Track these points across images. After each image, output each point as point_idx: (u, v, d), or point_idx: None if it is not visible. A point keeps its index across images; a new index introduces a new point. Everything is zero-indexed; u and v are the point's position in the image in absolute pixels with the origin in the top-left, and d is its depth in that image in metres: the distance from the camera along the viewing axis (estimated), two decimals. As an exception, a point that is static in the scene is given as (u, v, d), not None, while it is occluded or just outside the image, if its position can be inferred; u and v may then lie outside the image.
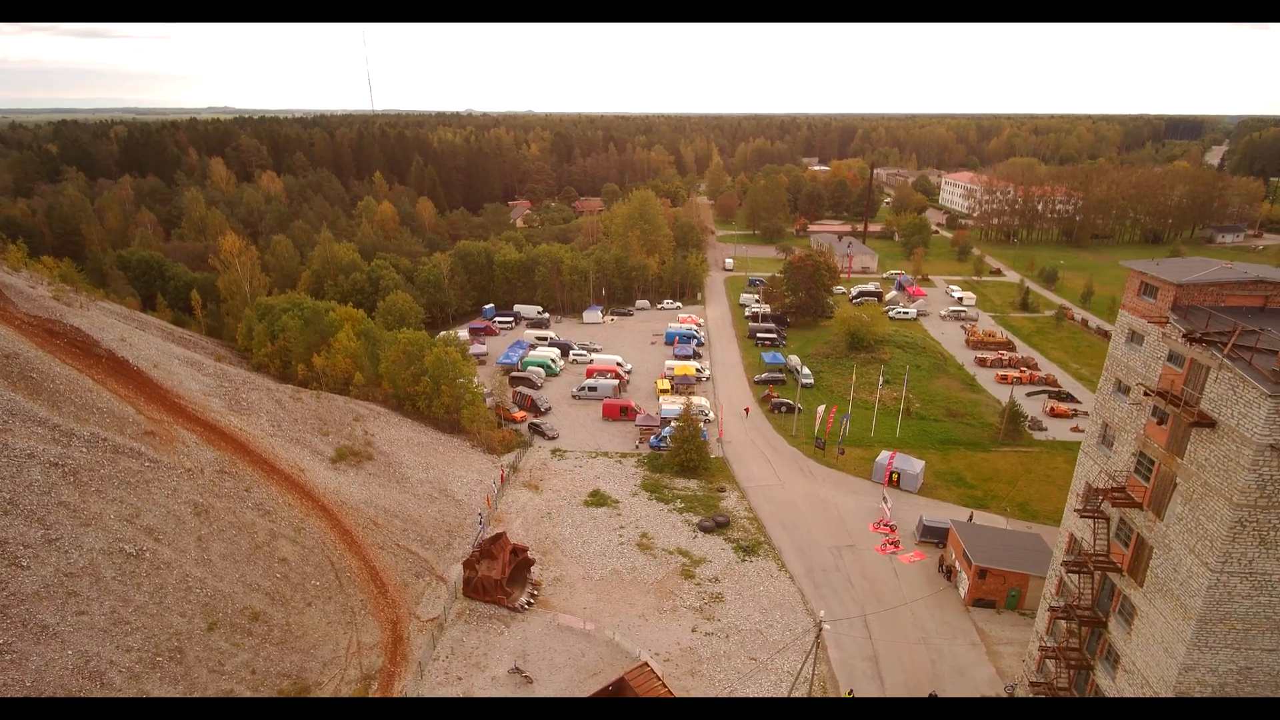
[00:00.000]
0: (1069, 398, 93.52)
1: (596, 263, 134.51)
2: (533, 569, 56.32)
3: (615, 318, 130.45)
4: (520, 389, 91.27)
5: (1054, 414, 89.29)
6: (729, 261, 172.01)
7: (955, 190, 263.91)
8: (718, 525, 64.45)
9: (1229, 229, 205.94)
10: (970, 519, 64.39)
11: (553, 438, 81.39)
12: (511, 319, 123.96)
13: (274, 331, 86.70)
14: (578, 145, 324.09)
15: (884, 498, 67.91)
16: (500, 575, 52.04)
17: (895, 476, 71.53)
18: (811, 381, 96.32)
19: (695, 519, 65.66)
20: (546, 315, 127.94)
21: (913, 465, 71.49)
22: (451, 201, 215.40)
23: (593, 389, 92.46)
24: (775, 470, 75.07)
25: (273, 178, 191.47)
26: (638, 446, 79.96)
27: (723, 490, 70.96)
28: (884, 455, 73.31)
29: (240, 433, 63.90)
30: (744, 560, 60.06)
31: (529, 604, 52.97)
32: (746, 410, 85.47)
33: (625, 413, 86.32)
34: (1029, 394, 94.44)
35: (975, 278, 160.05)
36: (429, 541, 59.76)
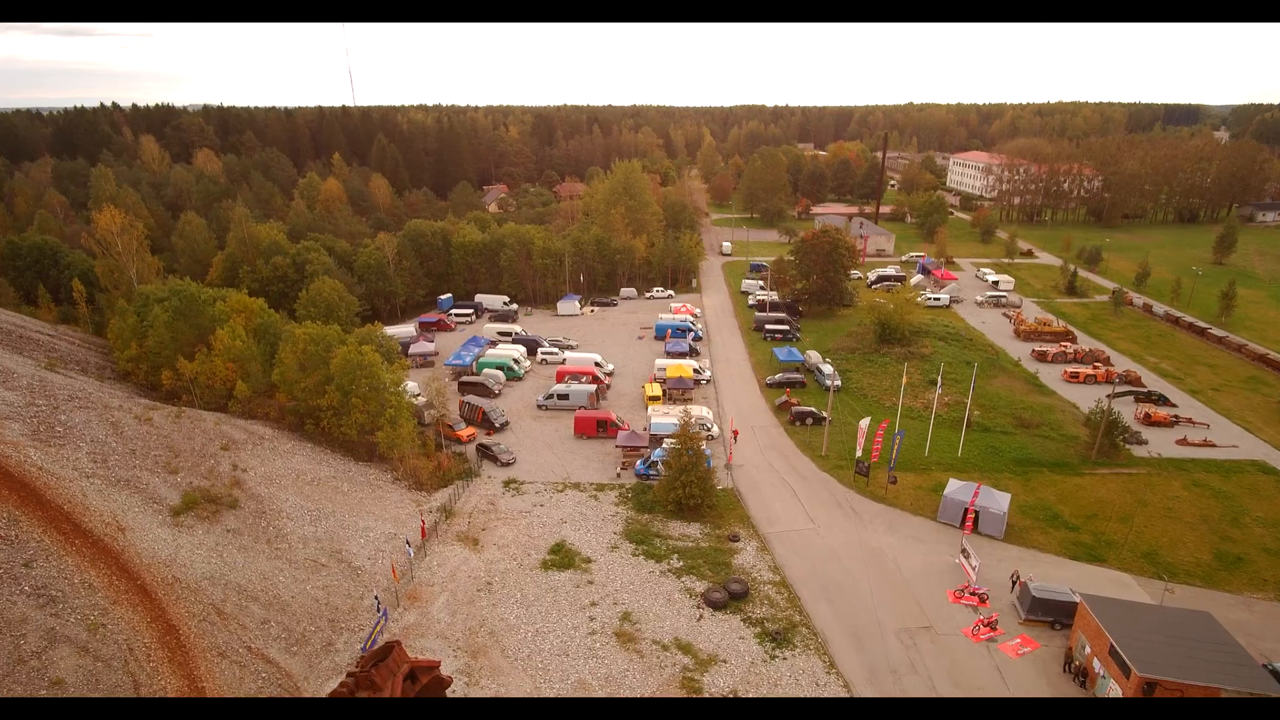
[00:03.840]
0: (1163, 400, 74.39)
1: (574, 244, 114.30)
2: (450, 689, 36.31)
3: (596, 308, 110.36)
4: (469, 398, 71.14)
5: (1150, 421, 70.15)
6: (727, 245, 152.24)
7: (966, 170, 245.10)
8: (732, 597, 44.80)
9: (1269, 206, 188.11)
10: (1165, 594, 44.99)
11: (507, 463, 61.41)
12: (471, 311, 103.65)
13: (142, 328, 66.16)
14: (560, 128, 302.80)
15: (964, 550, 48.39)
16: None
17: (971, 515, 52.01)
18: (839, 383, 76.76)
19: (699, 586, 45.99)
20: (514, 307, 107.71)
21: (996, 501, 51.95)
22: (418, 185, 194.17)
23: (563, 397, 72.52)
24: (805, 506, 55.42)
25: (210, 156, 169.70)
26: (619, 474, 60.18)
27: (735, 539, 51.24)
28: (956, 486, 53.73)
29: (35, 474, 43.66)
30: (774, 657, 40.37)
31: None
32: (736, 434, 65.18)
33: (604, 428, 66.49)
34: (1110, 396, 75.11)
35: (1006, 260, 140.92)
36: (300, 640, 39.62)
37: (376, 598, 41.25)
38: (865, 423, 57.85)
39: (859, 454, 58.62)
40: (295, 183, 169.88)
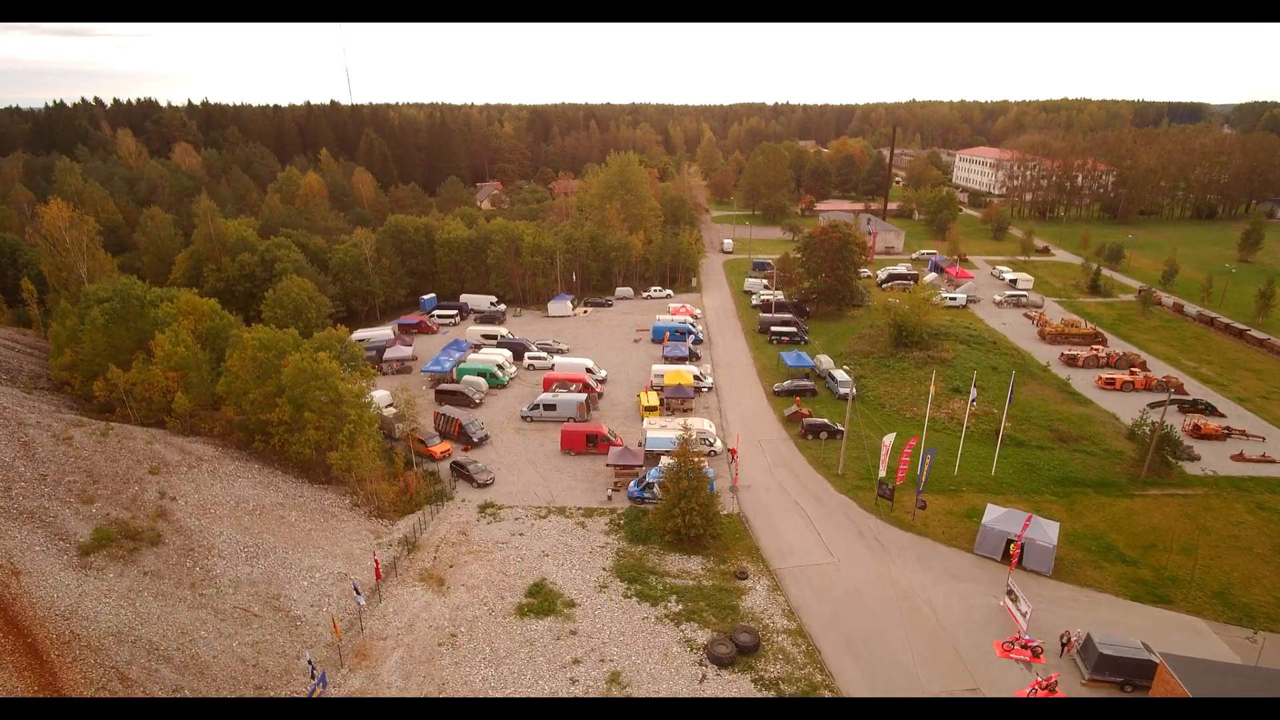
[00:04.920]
0: (1211, 409, 67.61)
1: (566, 241, 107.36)
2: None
3: (589, 309, 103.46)
4: (446, 409, 64.21)
5: (1200, 434, 63.30)
6: (728, 243, 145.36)
7: (972, 167, 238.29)
8: (740, 650, 37.85)
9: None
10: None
11: (484, 484, 54.45)
12: (455, 312, 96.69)
13: (79, 332, 59.21)
14: (556, 123, 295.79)
15: (1010, 591, 41.47)
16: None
17: (1014, 548, 45.12)
18: (853, 391, 69.78)
19: (702, 635, 39.09)
20: (502, 308, 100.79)
21: (1043, 531, 45.01)
22: (408, 182, 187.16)
23: (549, 407, 65.60)
24: (821, 535, 48.50)
25: (188, 150, 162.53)
26: (610, 496, 53.26)
27: (743, 576, 44.32)
28: (995, 514, 46.82)
29: (-86, 507, 36.68)
30: (792, 730, 33.32)
31: None
32: (734, 452, 57.93)
33: (594, 443, 59.58)
34: (1152, 405, 68.37)
35: (1022, 257, 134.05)
36: (217, 713, 32.58)
37: (310, 661, 34.18)
38: (890, 439, 50.91)
39: (881, 474, 51.71)
40: (275, 177, 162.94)
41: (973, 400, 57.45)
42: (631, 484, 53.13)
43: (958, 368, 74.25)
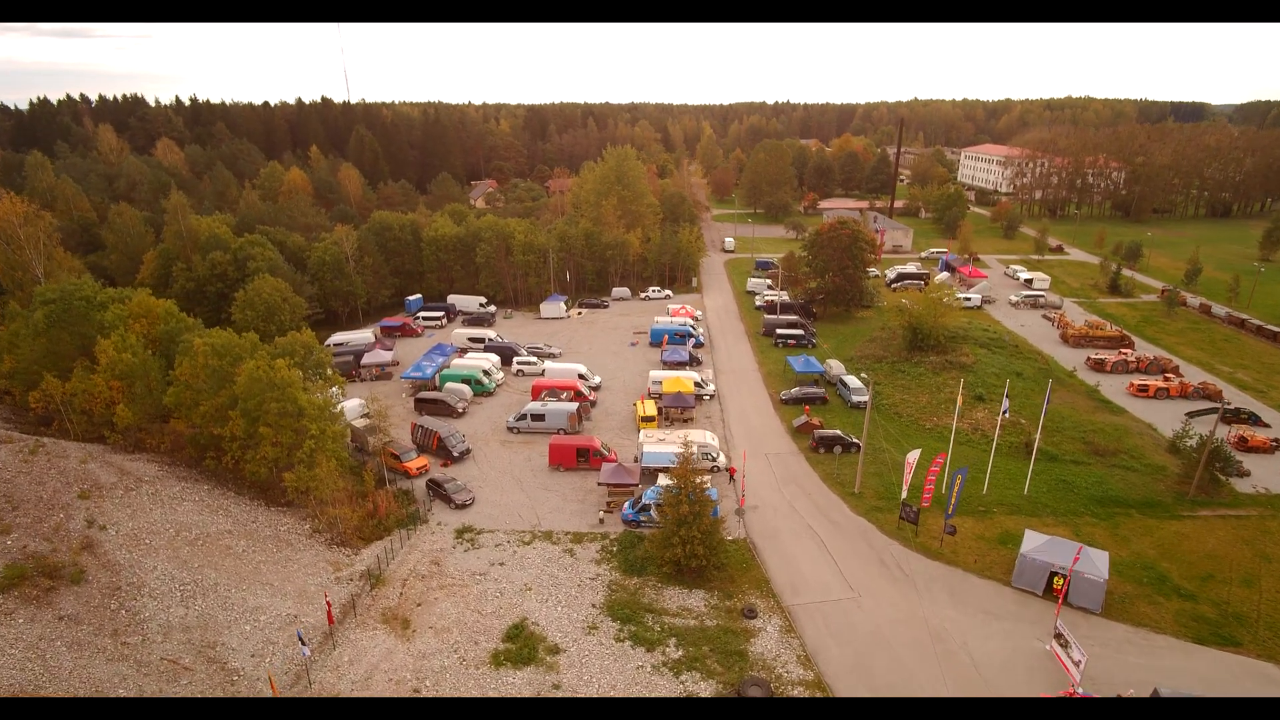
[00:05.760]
0: (1255, 419, 62.32)
1: (560, 239, 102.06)
2: None
3: (584, 310, 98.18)
4: (424, 420, 58.92)
5: (1246, 447, 58.02)
6: (729, 241, 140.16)
7: (978, 164, 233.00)
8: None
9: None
10: None
11: (463, 505, 49.16)
12: (442, 314, 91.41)
13: (17, 337, 53.91)
14: (553, 121, 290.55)
15: (1058, 634, 36.14)
16: None
17: (1058, 580, 39.90)
18: (866, 399, 64.54)
19: (705, 688, 33.80)
20: (492, 309, 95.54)
21: (1093, 563, 39.69)
22: (399, 179, 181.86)
23: (538, 417, 60.30)
24: (839, 565, 43.20)
25: (170, 146, 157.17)
26: (602, 519, 47.95)
27: (751, 614, 39.02)
28: (1036, 542, 41.52)
29: None
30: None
31: None
32: (732, 472, 52.97)
33: (585, 457, 54.29)
34: (1191, 414, 63.22)
35: (1036, 256, 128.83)
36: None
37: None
38: (914, 456, 45.65)
39: (904, 495, 46.43)
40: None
41: (1004, 412, 52.05)
42: (625, 505, 47.84)
43: (979, 374, 69.03)
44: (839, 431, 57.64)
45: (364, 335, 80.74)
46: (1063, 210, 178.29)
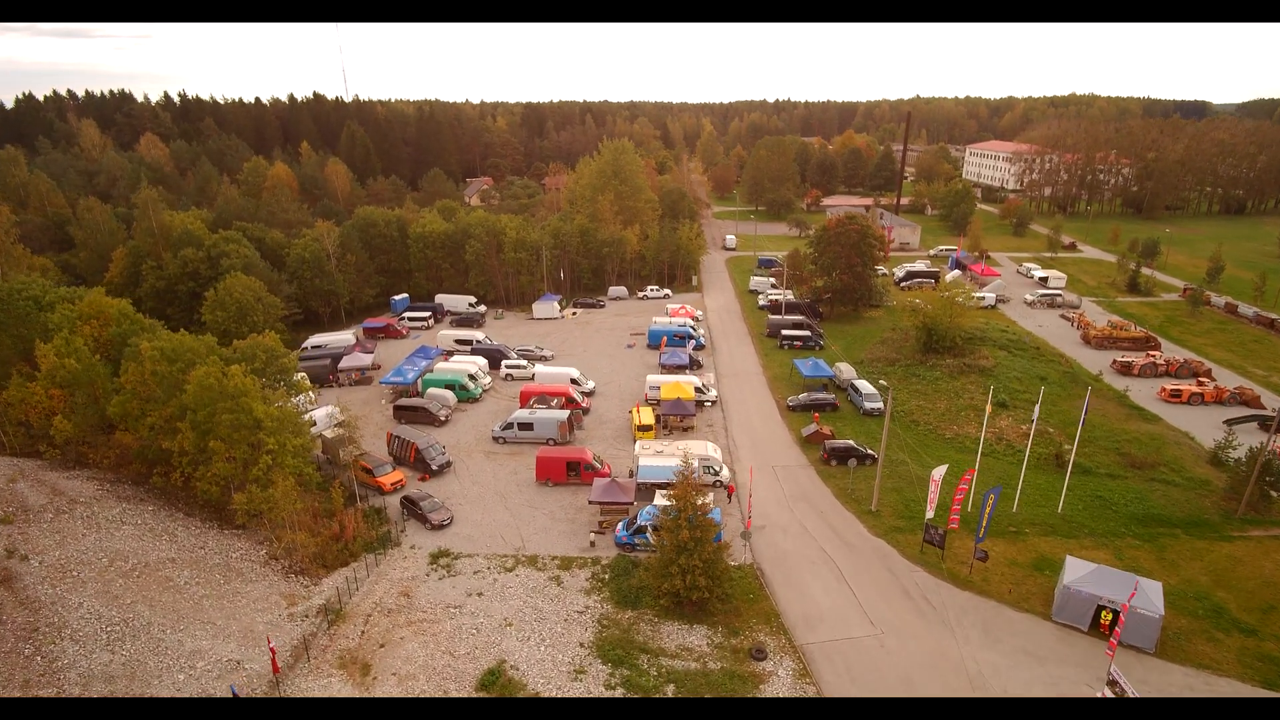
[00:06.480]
0: (1300, 427, 57.56)
1: (554, 236, 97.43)
2: None
3: (578, 310, 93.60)
4: (402, 429, 54.33)
5: (1293, 457, 53.29)
6: (730, 239, 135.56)
7: (984, 161, 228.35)
8: (761, 772, 27.83)
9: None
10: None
11: (440, 525, 44.57)
12: (428, 315, 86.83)
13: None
14: (551, 118, 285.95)
15: (1112, 681, 31.54)
16: None
17: (1108, 615, 35.35)
18: (879, 406, 60.10)
19: (708, 747, 29.06)
20: (481, 309, 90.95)
21: (1146, 595, 35.06)
22: (391, 176, 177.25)
23: (525, 426, 55.71)
24: (858, 596, 38.60)
25: (154, 142, 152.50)
26: (593, 542, 43.35)
27: (760, 655, 34.41)
28: (1080, 571, 36.88)
29: None
30: None
31: None
32: (730, 491, 47.99)
33: (576, 471, 49.70)
34: (1229, 422, 58.64)
35: (1049, 254, 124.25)
36: None
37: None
38: (940, 472, 41.07)
39: (929, 515, 41.85)
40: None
41: (1034, 421, 47.47)
42: (619, 526, 43.24)
43: (1000, 378, 64.45)
44: (852, 442, 53.03)
45: (344, 337, 76.17)
46: (1072, 207, 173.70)
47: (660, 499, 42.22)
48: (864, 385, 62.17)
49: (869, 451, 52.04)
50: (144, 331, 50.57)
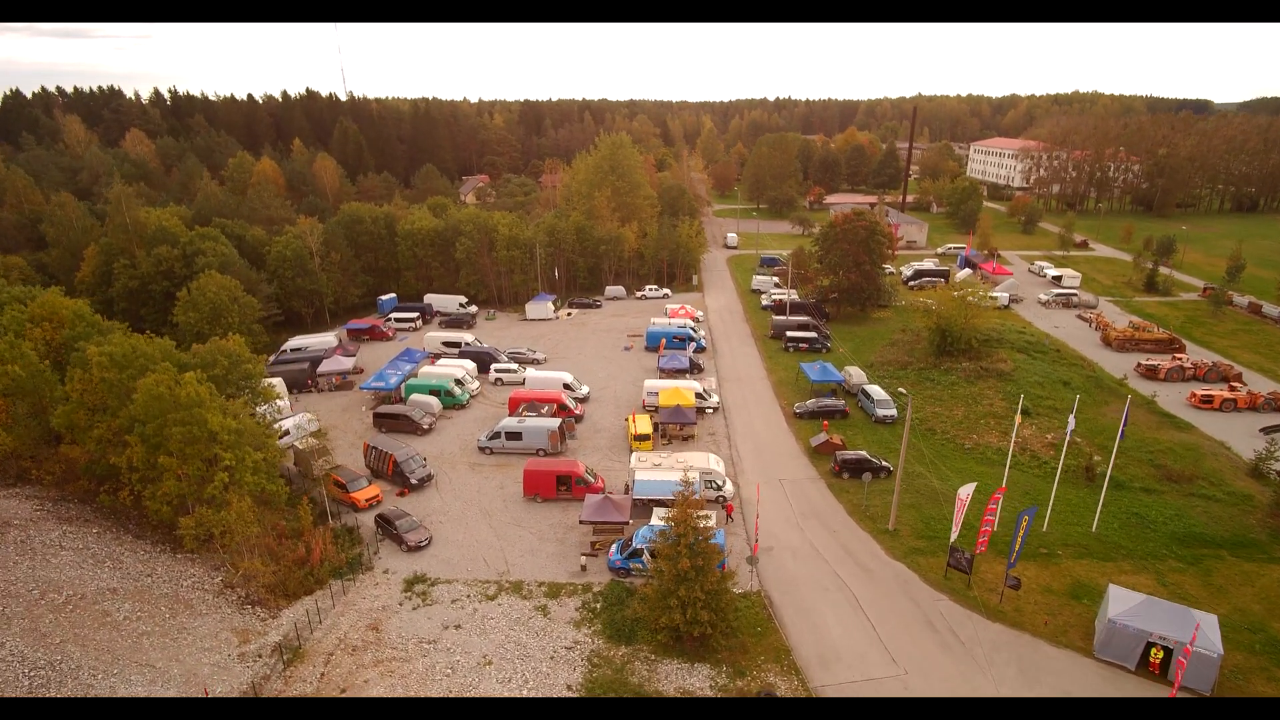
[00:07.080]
0: (1342, 436, 53.82)
1: (548, 233, 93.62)
2: None
3: (574, 311, 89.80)
4: (379, 439, 50.52)
5: (1341, 470, 49.50)
6: (732, 237, 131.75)
7: (989, 158, 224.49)
8: (773, 846, 24.00)
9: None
10: None
11: (417, 546, 40.78)
12: (417, 315, 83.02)
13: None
14: (549, 116, 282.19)
15: (1172, 735, 27.64)
16: None
17: (1158, 653, 31.57)
18: (893, 413, 56.31)
19: (712, 814, 25.25)
20: (472, 310, 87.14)
21: (1207, 637, 31.19)
22: (384, 173, 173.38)
23: (514, 436, 51.91)
24: (876, 628, 34.77)
25: (140, 138, 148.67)
26: (584, 565, 39.53)
27: (769, 697, 30.57)
28: (1125, 604, 33.06)
29: None
30: None
31: None
32: (729, 510, 44.17)
33: (567, 485, 45.90)
34: (1266, 430, 54.92)
35: (1060, 252, 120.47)
36: None
37: None
38: (967, 491, 37.27)
39: (954, 537, 38.03)
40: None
41: (1069, 432, 43.67)
42: (612, 549, 39.43)
43: (1020, 382, 60.64)
44: (866, 454, 49.22)
45: (326, 339, 72.33)
46: (1081, 205, 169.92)
47: (658, 518, 38.49)
48: (876, 391, 58.36)
49: (883, 463, 48.26)
50: (99, 335, 46.76)
